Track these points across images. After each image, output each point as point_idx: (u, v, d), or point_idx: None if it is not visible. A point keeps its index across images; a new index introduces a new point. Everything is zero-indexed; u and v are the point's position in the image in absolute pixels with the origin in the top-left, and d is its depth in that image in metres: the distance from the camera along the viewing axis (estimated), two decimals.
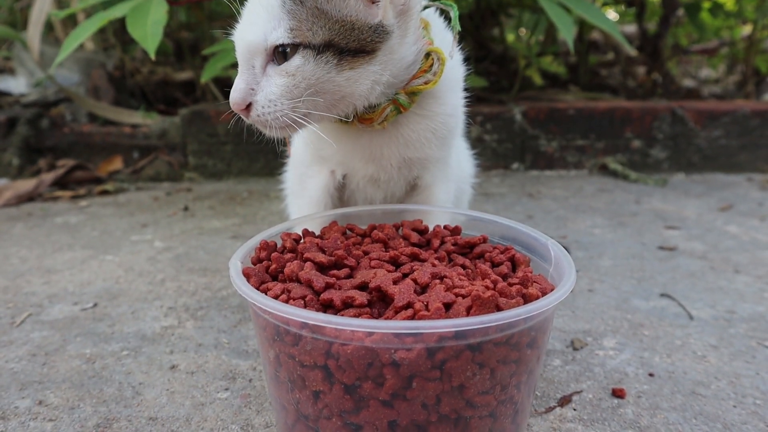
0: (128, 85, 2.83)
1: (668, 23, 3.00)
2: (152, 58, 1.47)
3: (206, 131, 2.38)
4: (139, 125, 2.44)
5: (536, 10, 2.69)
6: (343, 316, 0.65)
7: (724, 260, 1.47)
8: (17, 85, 2.84)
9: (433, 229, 0.88)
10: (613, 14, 3.77)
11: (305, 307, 0.66)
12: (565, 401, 0.88)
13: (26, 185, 2.16)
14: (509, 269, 0.77)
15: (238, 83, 0.80)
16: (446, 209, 0.96)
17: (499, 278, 0.69)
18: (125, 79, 2.84)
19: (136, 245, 1.61)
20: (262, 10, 0.79)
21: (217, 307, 1.22)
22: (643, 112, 2.44)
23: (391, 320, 0.63)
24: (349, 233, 0.88)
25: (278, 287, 0.70)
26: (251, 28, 0.79)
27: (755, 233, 1.68)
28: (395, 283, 0.69)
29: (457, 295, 0.65)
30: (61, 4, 2.64)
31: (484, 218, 0.91)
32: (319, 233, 0.86)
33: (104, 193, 2.22)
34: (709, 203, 2.00)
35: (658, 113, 2.43)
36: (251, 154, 2.41)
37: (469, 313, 0.62)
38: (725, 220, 1.81)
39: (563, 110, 2.44)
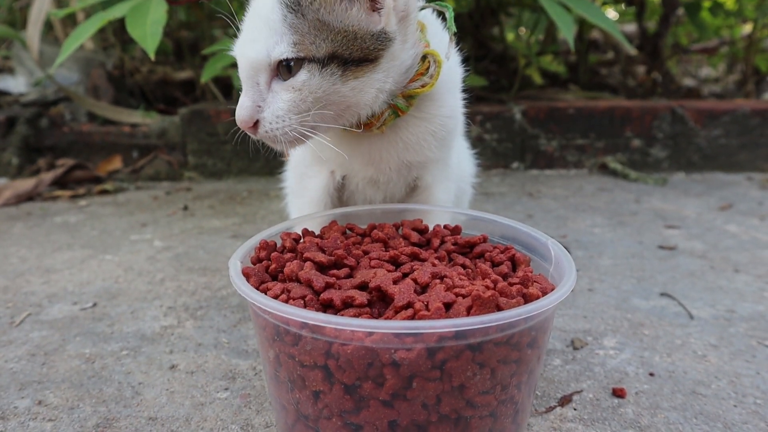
0: (128, 84, 2.82)
1: (668, 22, 2.99)
2: (152, 58, 1.47)
3: (206, 130, 2.38)
4: (138, 125, 2.44)
5: (536, 9, 2.69)
6: (343, 316, 0.65)
7: (724, 259, 1.46)
8: (16, 84, 2.84)
9: (433, 228, 0.87)
10: (612, 13, 3.77)
11: (305, 306, 0.66)
12: (565, 401, 0.88)
13: (25, 185, 2.15)
14: (509, 269, 0.77)
15: (243, 101, 0.79)
16: (446, 209, 0.96)
17: (499, 278, 0.69)
18: (125, 78, 2.84)
19: (135, 245, 1.61)
20: (262, 25, 0.78)
21: (216, 306, 1.22)
22: (643, 111, 2.43)
23: (391, 320, 0.62)
24: (348, 233, 0.87)
25: (278, 287, 0.70)
26: (253, 45, 0.78)
27: (755, 232, 1.68)
28: (395, 282, 0.69)
29: (457, 294, 0.65)
30: (60, 3, 2.64)
31: (484, 218, 0.91)
32: (318, 233, 0.86)
33: (104, 192, 2.22)
34: (708, 202, 2.00)
35: (658, 112, 2.43)
36: (251, 153, 2.40)
37: (469, 312, 0.62)
38: (725, 219, 1.81)
39: (563, 109, 2.44)
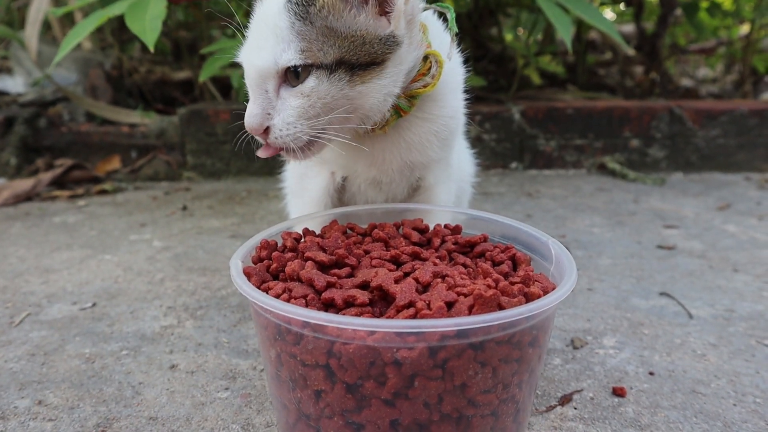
0: (126, 84, 2.82)
1: (666, 23, 3.00)
2: (151, 50, 1.47)
3: (204, 130, 2.38)
4: (137, 125, 2.43)
5: (534, 9, 2.69)
6: (344, 315, 0.65)
7: (722, 259, 1.47)
8: (15, 84, 2.83)
9: (433, 228, 0.88)
10: (610, 14, 3.77)
11: (306, 306, 0.66)
12: (565, 400, 0.88)
13: (24, 185, 2.15)
14: (510, 268, 0.77)
15: (252, 108, 0.79)
16: (446, 208, 0.96)
17: (500, 277, 0.69)
18: (123, 78, 2.83)
19: (134, 245, 1.61)
20: (269, 32, 0.77)
21: (216, 306, 1.22)
22: (641, 111, 2.44)
23: (392, 319, 0.62)
24: (349, 232, 0.87)
25: (279, 286, 0.70)
26: (260, 53, 0.78)
27: (753, 232, 1.68)
28: (396, 282, 0.69)
29: (458, 294, 0.65)
30: (58, 3, 2.64)
31: (484, 217, 0.91)
32: (319, 232, 0.86)
33: (102, 192, 2.21)
34: (707, 202, 2.01)
35: (656, 113, 2.44)
36: (250, 153, 2.39)
37: (471, 312, 0.62)
38: (723, 219, 1.82)
39: (562, 110, 2.44)
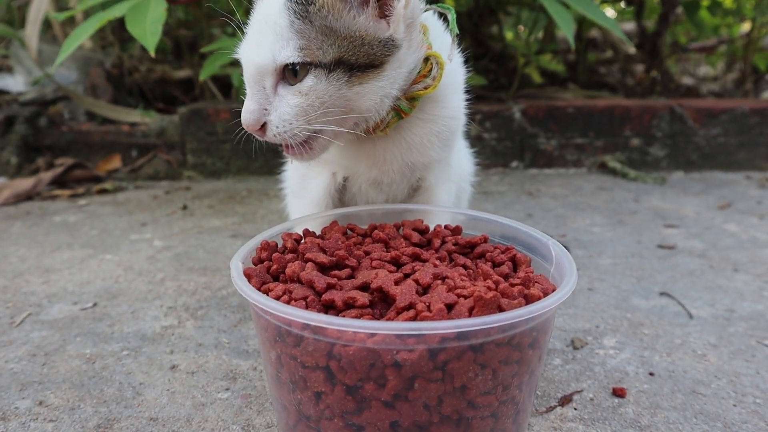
0: (126, 83, 2.82)
1: (667, 21, 3.00)
2: (152, 55, 1.47)
3: (205, 129, 2.38)
4: (137, 124, 2.43)
5: (535, 7, 2.69)
6: (344, 317, 0.65)
7: (723, 259, 1.47)
8: (15, 83, 2.83)
9: (433, 229, 0.88)
10: (611, 12, 3.76)
11: (307, 307, 0.66)
12: (565, 401, 0.88)
13: (24, 184, 2.15)
14: (510, 269, 0.77)
15: (249, 104, 0.79)
16: (447, 209, 0.96)
17: (500, 279, 0.69)
18: (123, 77, 2.83)
19: (135, 244, 1.61)
20: (268, 29, 0.78)
21: (217, 306, 1.22)
22: (642, 110, 2.44)
23: (393, 321, 0.63)
24: (349, 233, 0.87)
25: (279, 288, 0.70)
26: (258, 50, 0.78)
27: (754, 231, 1.68)
28: (397, 283, 0.69)
29: (459, 295, 0.65)
30: (59, 3, 2.64)
31: (484, 218, 0.91)
32: (319, 233, 0.86)
33: (103, 191, 2.21)
34: (707, 201, 2.01)
35: (657, 111, 2.43)
36: (250, 152, 2.40)
37: (471, 313, 0.62)
38: (724, 218, 1.81)
39: (562, 108, 2.44)
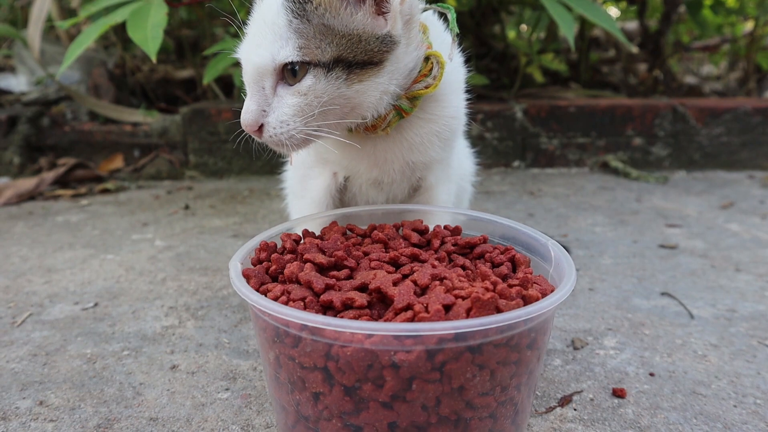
0: (129, 83, 2.83)
1: (669, 20, 2.99)
2: (153, 60, 1.48)
3: (207, 129, 2.38)
4: (139, 123, 2.44)
5: (537, 7, 2.68)
6: (342, 317, 0.65)
7: (725, 258, 1.46)
8: (18, 83, 2.85)
9: (433, 229, 0.87)
10: (614, 11, 3.76)
11: (305, 308, 0.66)
12: (565, 401, 0.88)
13: (27, 184, 2.16)
14: (509, 270, 0.77)
15: (248, 105, 0.79)
16: (446, 209, 0.96)
17: (499, 279, 0.69)
18: (126, 77, 2.84)
19: (136, 244, 1.62)
20: (267, 29, 0.78)
21: (217, 306, 1.22)
22: (644, 109, 2.43)
23: (390, 322, 0.63)
24: (349, 234, 0.87)
25: (278, 288, 0.70)
26: (257, 50, 0.78)
27: (756, 231, 1.68)
28: (395, 284, 0.69)
29: (456, 296, 0.65)
30: (61, 3, 2.64)
31: (484, 218, 0.91)
32: (319, 234, 0.86)
33: (105, 191, 2.22)
34: (710, 201, 2.00)
35: (659, 111, 2.43)
36: (252, 152, 2.40)
37: (468, 314, 0.62)
38: (726, 218, 1.81)
39: (564, 108, 2.43)
